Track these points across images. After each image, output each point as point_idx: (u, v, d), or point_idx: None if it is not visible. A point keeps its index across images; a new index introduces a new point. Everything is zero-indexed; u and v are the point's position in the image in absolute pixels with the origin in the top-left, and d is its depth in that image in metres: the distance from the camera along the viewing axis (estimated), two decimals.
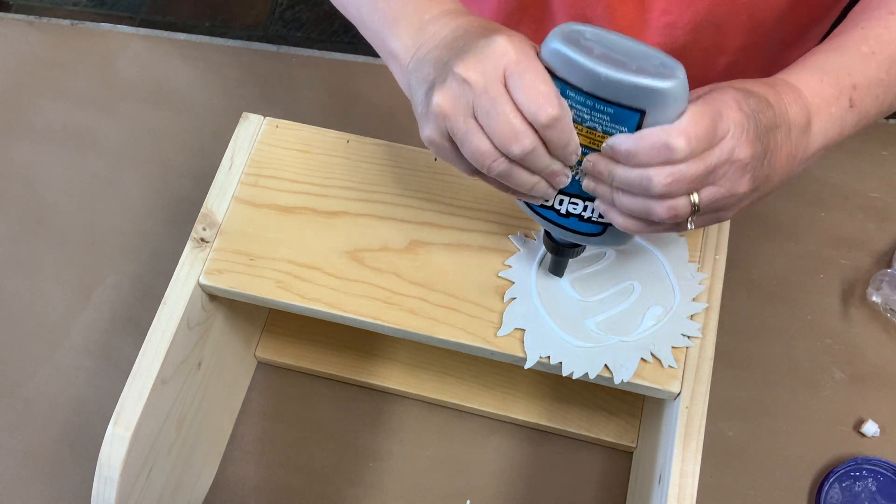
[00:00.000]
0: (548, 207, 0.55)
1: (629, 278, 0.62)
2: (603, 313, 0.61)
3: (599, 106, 0.47)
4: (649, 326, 0.61)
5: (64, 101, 0.95)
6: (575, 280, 0.62)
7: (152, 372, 0.62)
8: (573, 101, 0.48)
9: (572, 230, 0.55)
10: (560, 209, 0.54)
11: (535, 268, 0.63)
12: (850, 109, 0.56)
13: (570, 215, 0.54)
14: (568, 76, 0.47)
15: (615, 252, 0.64)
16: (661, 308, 0.61)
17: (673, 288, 0.62)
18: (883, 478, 0.72)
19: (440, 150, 0.52)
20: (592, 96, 0.47)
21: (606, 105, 0.47)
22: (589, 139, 0.49)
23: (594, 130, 0.49)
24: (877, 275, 0.78)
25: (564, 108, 0.48)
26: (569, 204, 0.54)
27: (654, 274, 0.63)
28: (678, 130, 0.46)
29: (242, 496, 0.76)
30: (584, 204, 0.53)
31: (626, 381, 0.59)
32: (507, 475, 0.75)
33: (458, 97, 0.49)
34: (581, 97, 0.47)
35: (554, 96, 0.47)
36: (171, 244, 0.84)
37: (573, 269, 0.63)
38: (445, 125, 0.50)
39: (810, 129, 0.54)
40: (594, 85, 0.46)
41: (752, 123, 0.49)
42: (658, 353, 0.60)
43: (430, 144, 0.53)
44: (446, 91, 0.49)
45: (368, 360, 0.79)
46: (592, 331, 0.61)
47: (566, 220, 0.54)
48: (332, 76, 0.94)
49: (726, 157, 0.48)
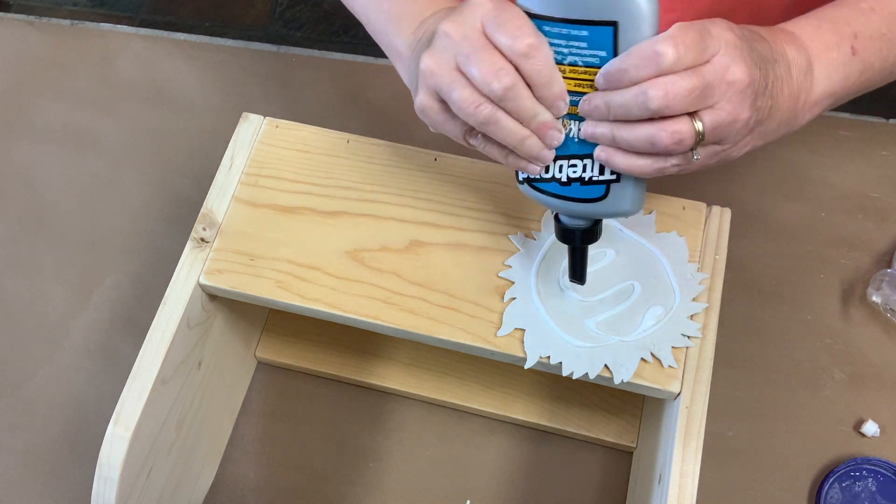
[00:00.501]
0: (548, 180, 0.53)
1: (629, 278, 0.62)
2: (603, 313, 0.61)
3: (575, 30, 0.47)
4: (649, 326, 0.61)
5: (64, 101, 0.95)
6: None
7: (152, 372, 0.62)
8: (550, 36, 0.48)
9: (577, 199, 0.53)
10: (560, 177, 0.53)
11: (536, 268, 0.63)
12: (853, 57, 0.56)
13: (571, 181, 0.53)
14: (542, 9, 0.48)
15: (615, 252, 0.64)
16: (661, 308, 0.61)
17: (673, 288, 0.62)
18: (883, 478, 0.72)
19: (431, 113, 0.53)
20: (566, 21, 0.47)
21: (580, 27, 0.47)
22: (574, 82, 0.49)
23: (576, 67, 0.49)
24: (877, 275, 0.78)
25: (542, 38, 0.48)
26: (568, 168, 0.53)
27: (654, 274, 0.63)
28: (664, 37, 0.47)
29: (242, 496, 0.76)
30: (584, 163, 0.52)
31: (626, 381, 0.59)
32: (507, 475, 0.75)
33: (442, 53, 0.50)
34: (556, 28, 0.48)
35: (530, 27, 0.48)
36: (171, 244, 0.84)
37: None
38: (433, 83, 0.51)
39: (812, 72, 0.54)
40: (564, 7, 0.47)
41: (746, 46, 0.49)
42: (658, 353, 0.60)
43: (423, 112, 0.53)
44: (432, 51, 0.51)
45: (368, 360, 0.79)
46: (592, 331, 0.61)
47: (569, 190, 0.53)
48: (331, 76, 0.94)
49: (720, 74, 0.48)
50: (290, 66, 0.96)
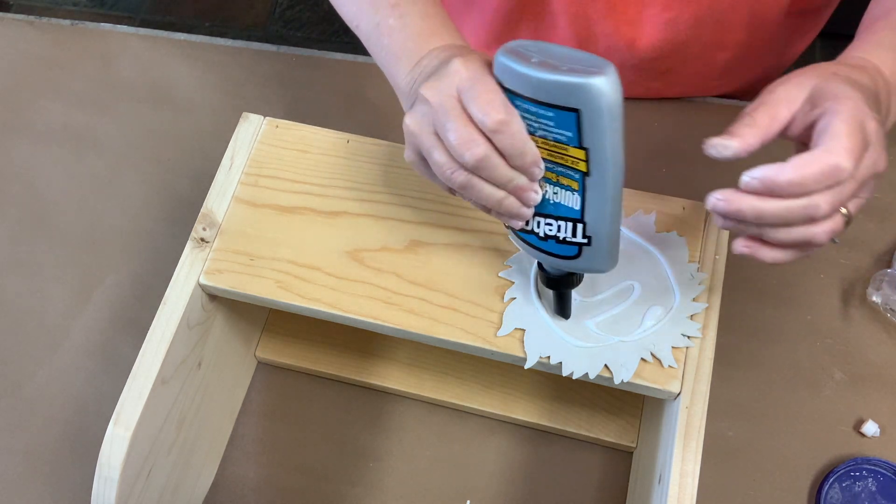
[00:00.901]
0: (528, 232, 0.55)
1: (629, 278, 0.62)
2: (603, 313, 0.61)
3: (542, 111, 0.48)
4: (649, 326, 0.61)
5: (64, 101, 0.95)
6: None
7: (152, 372, 0.62)
8: (522, 110, 0.50)
9: (553, 254, 0.55)
10: (538, 232, 0.55)
11: (535, 268, 0.63)
12: None
13: (547, 237, 0.54)
14: (513, 86, 0.49)
15: None
16: (661, 308, 0.61)
17: (673, 288, 0.62)
18: (883, 478, 0.72)
19: (419, 168, 0.55)
20: (534, 101, 0.48)
21: (547, 108, 0.48)
22: (547, 151, 0.51)
23: (546, 140, 0.50)
24: (877, 275, 0.78)
25: (513, 113, 0.49)
26: (544, 225, 0.54)
27: (654, 274, 0.63)
28: (845, 150, 0.46)
29: (242, 496, 0.76)
30: (558, 224, 0.53)
31: (626, 381, 0.59)
32: (507, 475, 0.75)
33: (423, 117, 0.52)
34: (526, 104, 0.49)
35: (500, 103, 0.49)
36: (171, 244, 0.84)
37: None
38: (415, 143, 0.53)
39: (890, 112, 0.55)
40: (532, 89, 0.48)
41: (882, 129, 0.50)
42: (658, 353, 0.60)
43: (412, 165, 0.56)
44: (414, 113, 0.53)
45: (368, 360, 0.79)
46: (592, 331, 0.61)
47: (546, 244, 0.55)
48: (332, 76, 0.94)
49: (872, 170, 0.48)
50: (290, 66, 0.96)
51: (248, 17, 1.97)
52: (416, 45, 0.59)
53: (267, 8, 1.97)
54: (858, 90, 0.50)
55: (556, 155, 0.50)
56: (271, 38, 1.93)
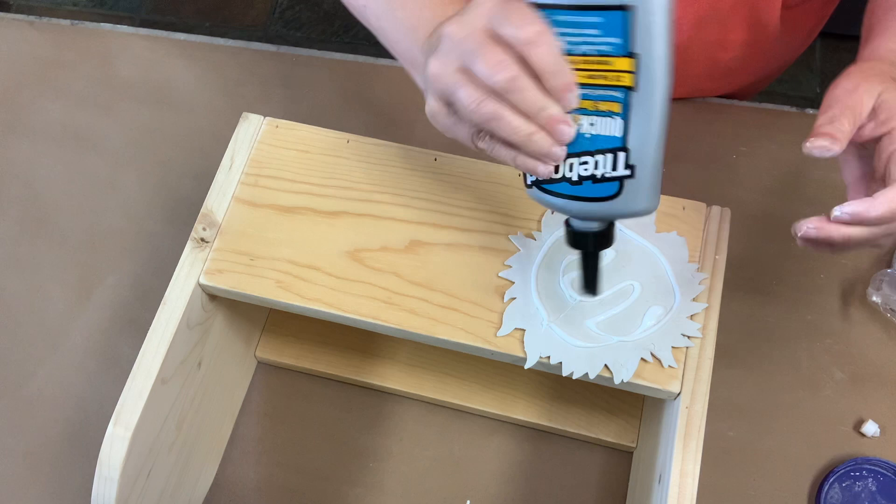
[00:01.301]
0: (558, 180, 0.51)
1: (629, 278, 0.62)
2: (603, 313, 0.61)
3: (585, 18, 0.46)
4: (649, 326, 0.61)
5: (64, 101, 0.95)
6: (575, 280, 0.62)
7: (152, 372, 0.62)
8: (560, 25, 0.47)
9: (589, 198, 0.50)
10: (571, 176, 0.50)
11: (535, 268, 0.63)
12: None
13: (582, 179, 0.50)
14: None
15: (615, 252, 0.64)
16: (661, 308, 0.61)
17: (673, 288, 0.62)
18: (883, 478, 0.72)
19: (440, 117, 0.52)
20: (577, 8, 0.46)
21: (591, 14, 0.46)
22: (587, 73, 0.48)
23: (588, 57, 0.47)
24: (877, 275, 0.78)
25: (548, 28, 0.47)
26: (579, 166, 0.50)
27: (654, 274, 0.63)
28: None
29: (242, 496, 0.76)
30: (595, 159, 0.50)
31: (626, 381, 0.59)
32: (507, 475, 0.75)
33: (447, 54, 0.49)
34: (566, 16, 0.46)
35: (535, 17, 0.47)
36: (171, 244, 0.84)
37: (572, 269, 0.63)
38: (439, 87, 0.50)
39: None
40: None
41: None
42: (658, 353, 0.60)
43: (433, 117, 0.52)
44: (437, 54, 0.50)
45: (368, 360, 0.79)
46: (593, 331, 0.61)
47: (580, 189, 0.50)
48: (331, 76, 0.94)
49: None
50: (290, 66, 0.96)
51: (248, 17, 1.97)
52: (433, 12, 0.57)
53: (267, 8, 1.97)
54: None
55: (597, 75, 0.47)
56: (271, 38, 1.93)
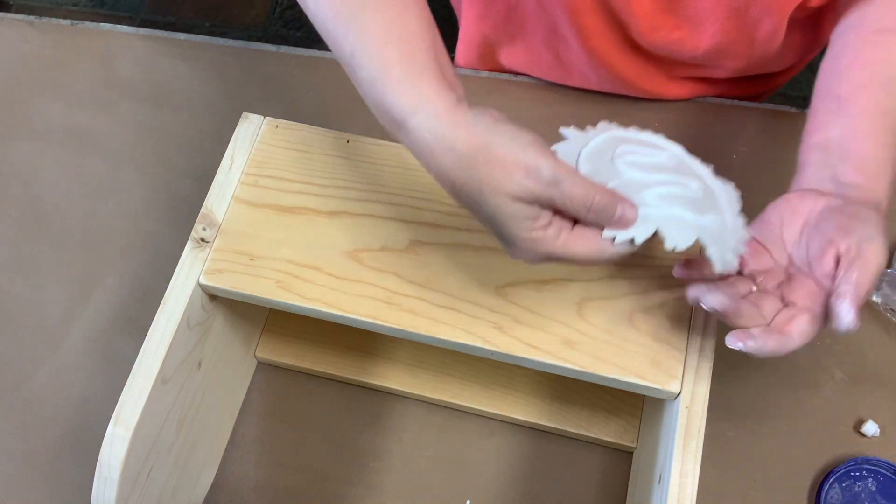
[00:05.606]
0: None
1: (690, 178, 0.56)
2: (661, 187, 0.55)
3: None
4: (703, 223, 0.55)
5: (64, 101, 0.95)
6: (630, 164, 0.56)
7: (152, 372, 0.62)
8: None
9: None
10: None
11: (582, 152, 0.56)
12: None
13: None
14: None
15: (677, 161, 0.57)
16: (715, 216, 0.55)
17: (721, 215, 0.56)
18: (883, 478, 0.72)
19: None
20: None
21: None
22: None
23: None
24: None
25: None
26: None
27: (710, 198, 0.56)
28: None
29: (242, 496, 0.76)
30: None
31: (678, 249, 0.53)
32: (507, 475, 0.75)
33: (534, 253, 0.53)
34: None
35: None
36: (171, 244, 0.84)
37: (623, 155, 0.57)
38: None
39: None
40: None
41: None
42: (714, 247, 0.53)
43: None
44: (523, 253, 0.53)
45: (368, 360, 0.79)
46: (650, 200, 0.54)
47: None
48: (332, 76, 0.94)
49: None
50: (290, 66, 0.96)
51: (248, 17, 1.97)
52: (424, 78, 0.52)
53: (267, 8, 1.97)
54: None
55: None
56: (271, 38, 1.93)
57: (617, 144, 0.56)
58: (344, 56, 0.55)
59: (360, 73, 0.53)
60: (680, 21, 0.77)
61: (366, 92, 0.54)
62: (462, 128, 0.50)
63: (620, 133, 0.58)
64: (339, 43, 0.55)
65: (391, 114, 0.52)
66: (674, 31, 0.78)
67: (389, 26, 0.53)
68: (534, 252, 0.52)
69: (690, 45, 0.79)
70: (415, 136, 0.51)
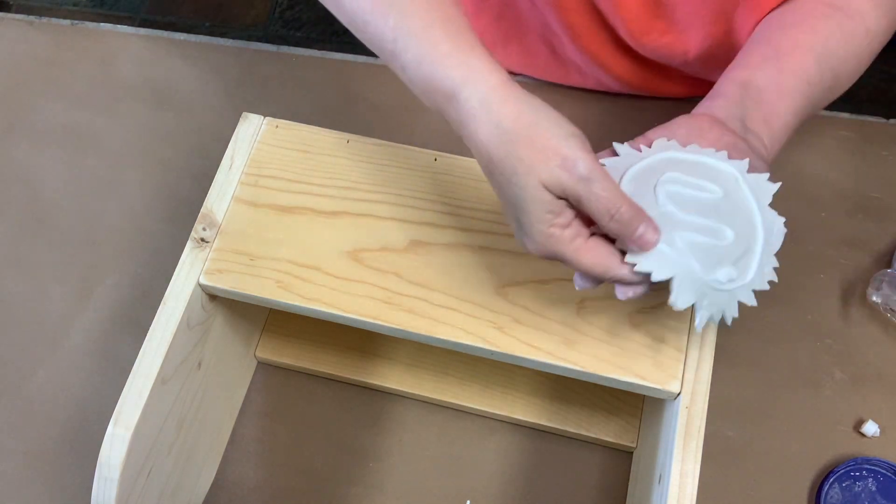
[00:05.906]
0: None
1: (726, 223, 0.55)
2: (690, 234, 0.54)
3: None
4: (718, 279, 0.54)
5: (64, 101, 0.95)
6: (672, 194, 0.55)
7: (152, 372, 0.62)
8: None
9: None
10: None
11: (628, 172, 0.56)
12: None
13: None
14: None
15: (723, 193, 0.56)
16: (735, 271, 0.54)
17: (754, 263, 0.56)
18: (883, 478, 0.72)
19: None
20: None
21: None
22: None
23: None
24: (877, 275, 0.78)
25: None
26: None
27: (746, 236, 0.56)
28: None
29: (242, 496, 0.76)
30: None
31: (678, 308, 0.53)
32: (507, 475, 0.75)
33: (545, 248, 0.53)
34: None
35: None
36: (171, 244, 0.84)
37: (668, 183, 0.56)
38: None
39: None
40: None
41: None
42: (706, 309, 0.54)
43: None
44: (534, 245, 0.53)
45: (368, 360, 0.79)
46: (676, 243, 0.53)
47: None
48: (332, 76, 0.94)
49: None
50: (290, 66, 0.96)
51: (248, 17, 1.97)
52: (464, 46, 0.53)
53: (267, 8, 1.97)
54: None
55: None
56: (271, 38, 1.93)
57: (666, 168, 0.55)
58: (386, 43, 0.56)
59: (405, 56, 0.54)
60: (667, 25, 0.77)
61: (412, 75, 0.55)
62: (512, 104, 0.51)
63: (675, 155, 0.56)
64: (380, 30, 0.56)
65: (442, 88, 0.53)
66: (663, 35, 0.78)
67: (430, 9, 0.54)
68: (544, 247, 0.52)
69: (680, 50, 0.79)
70: (465, 108, 0.52)
